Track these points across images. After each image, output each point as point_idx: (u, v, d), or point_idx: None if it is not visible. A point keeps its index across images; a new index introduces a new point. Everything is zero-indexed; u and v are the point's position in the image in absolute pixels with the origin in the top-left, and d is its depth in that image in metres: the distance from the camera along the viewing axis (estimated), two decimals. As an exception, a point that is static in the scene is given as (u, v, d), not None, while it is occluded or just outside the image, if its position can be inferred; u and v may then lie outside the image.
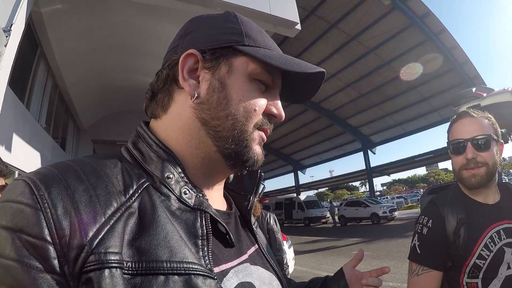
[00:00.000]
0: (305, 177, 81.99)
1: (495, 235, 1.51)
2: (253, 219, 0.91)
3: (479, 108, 3.09)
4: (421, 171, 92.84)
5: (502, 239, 1.50)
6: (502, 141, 1.66)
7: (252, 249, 0.83)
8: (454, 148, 1.64)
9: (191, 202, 0.68)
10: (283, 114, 0.79)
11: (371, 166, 36.67)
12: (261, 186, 0.92)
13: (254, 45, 0.75)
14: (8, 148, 6.11)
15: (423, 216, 1.66)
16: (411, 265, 1.62)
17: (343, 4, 18.54)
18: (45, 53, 8.38)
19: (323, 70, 0.77)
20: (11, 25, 4.43)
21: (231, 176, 0.94)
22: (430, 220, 1.60)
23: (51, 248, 0.49)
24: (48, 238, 0.49)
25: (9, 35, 4.26)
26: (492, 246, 1.49)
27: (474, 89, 2.98)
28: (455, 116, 1.72)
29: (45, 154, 9.13)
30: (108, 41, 8.57)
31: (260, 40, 0.77)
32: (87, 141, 14.49)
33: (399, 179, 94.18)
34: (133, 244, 0.55)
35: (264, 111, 0.76)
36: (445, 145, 1.74)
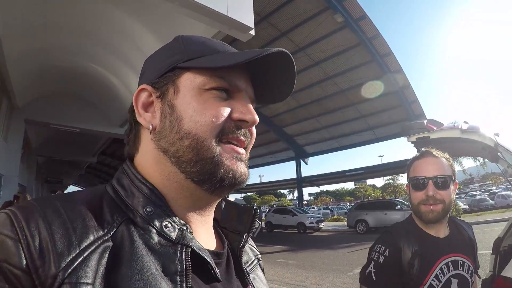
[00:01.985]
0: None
1: (444, 267, 1.66)
2: (245, 258, 0.85)
3: (428, 139, 3.26)
4: (349, 185, 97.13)
5: (450, 270, 1.66)
6: (457, 181, 1.80)
7: None
8: (415, 184, 1.76)
9: (172, 235, 0.66)
10: (253, 116, 0.73)
11: (302, 175, 37.36)
12: (257, 224, 0.86)
13: (197, 57, 0.73)
14: None
15: (379, 245, 1.75)
16: None
17: (297, 15, 18.75)
18: (-16, 20, 7.65)
19: (280, 49, 0.70)
20: None
21: (223, 211, 0.90)
22: (387, 250, 1.70)
23: (29, 278, 0.51)
24: (26, 268, 0.52)
25: None
26: (441, 277, 1.64)
27: (425, 121, 3.10)
28: (418, 154, 1.87)
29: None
30: (53, 19, 8.16)
31: (204, 49, 0.75)
32: (20, 120, 13.71)
33: (327, 190, 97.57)
34: (107, 277, 0.55)
35: (230, 118, 0.72)
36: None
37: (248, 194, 78.35)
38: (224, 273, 0.75)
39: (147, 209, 0.67)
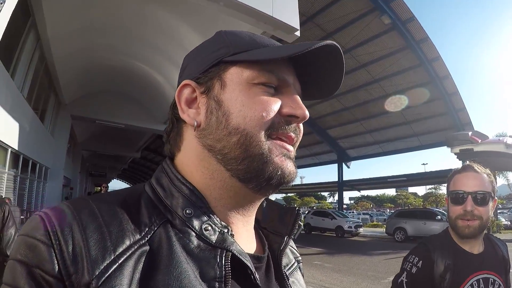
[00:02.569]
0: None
1: (475, 283, 1.66)
2: (285, 261, 0.81)
3: (471, 152, 3.18)
4: (391, 191, 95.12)
5: (480, 287, 1.66)
6: (496, 198, 1.77)
7: None
8: (454, 198, 1.75)
9: (213, 239, 0.63)
10: (304, 110, 0.70)
11: (344, 179, 37.05)
12: (299, 225, 0.82)
13: (244, 50, 0.70)
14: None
15: (413, 256, 1.77)
16: None
17: (343, 16, 18.63)
18: (36, 23, 8.21)
19: (331, 42, 0.66)
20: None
21: (264, 211, 0.87)
22: (421, 261, 1.72)
23: (62, 285, 0.51)
24: (59, 275, 0.51)
25: (4, 2, 4.06)
26: None
27: (470, 133, 3.01)
28: (459, 168, 1.85)
29: (24, 126, 9.00)
30: (100, 20, 8.53)
31: (251, 43, 0.72)
32: (66, 115, 14.37)
33: (367, 195, 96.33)
34: (143, 283, 0.54)
35: (279, 113, 0.69)
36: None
37: (289, 194, 78.27)
38: (264, 278, 0.72)
39: (187, 211, 0.65)
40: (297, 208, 0.83)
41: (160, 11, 7.65)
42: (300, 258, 0.92)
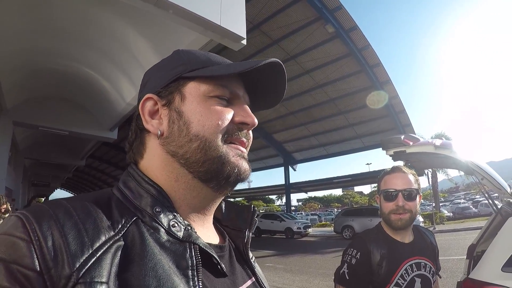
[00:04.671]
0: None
1: (408, 268, 1.89)
2: (251, 254, 0.90)
3: (404, 154, 3.51)
4: (337, 191, 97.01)
5: (414, 271, 1.90)
6: (421, 193, 2.05)
7: (249, 282, 0.82)
8: (387, 195, 1.99)
9: (180, 234, 0.68)
10: (253, 118, 0.80)
11: (291, 182, 37.23)
12: (255, 220, 0.92)
13: (200, 67, 0.78)
14: None
15: (352, 249, 1.99)
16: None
17: (288, 24, 18.88)
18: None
19: (274, 60, 0.76)
20: None
21: (224, 211, 0.95)
22: (359, 253, 1.93)
23: (41, 278, 0.52)
24: (38, 269, 0.52)
25: None
26: (406, 276, 1.87)
27: (402, 137, 3.33)
28: (388, 169, 2.11)
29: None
30: (45, 22, 8.04)
31: (206, 61, 0.80)
32: (8, 122, 13.21)
33: (315, 196, 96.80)
34: (121, 275, 0.57)
35: (232, 122, 0.77)
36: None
37: (237, 199, 77.62)
38: (228, 265, 0.78)
39: (156, 209, 0.70)
40: (252, 205, 0.92)
41: (107, 16, 7.34)
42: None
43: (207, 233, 0.82)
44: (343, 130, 28.53)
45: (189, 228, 0.71)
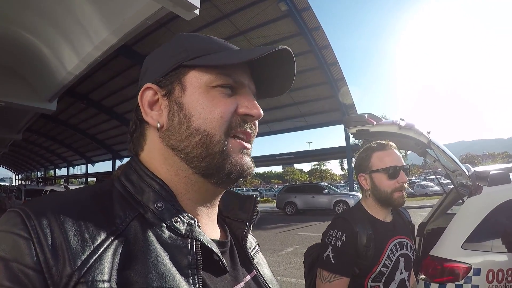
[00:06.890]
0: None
1: (393, 248, 1.87)
2: (249, 244, 0.88)
3: (367, 132, 3.53)
4: (278, 168, 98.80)
5: (398, 250, 1.88)
6: None
7: (248, 277, 0.81)
8: (391, 173, 1.90)
9: (182, 230, 0.67)
10: (258, 110, 0.76)
11: (233, 158, 37.15)
12: (257, 211, 0.89)
13: (202, 55, 0.74)
14: None
15: (335, 230, 1.87)
16: (323, 273, 1.81)
17: (241, -1, 18.56)
18: None
19: (284, 47, 0.73)
20: None
21: (225, 202, 0.92)
22: (344, 234, 1.82)
23: (42, 277, 0.51)
24: (39, 268, 0.51)
25: None
26: (392, 257, 1.84)
27: (366, 115, 3.38)
28: (375, 145, 2.02)
29: None
30: None
31: (208, 47, 0.76)
32: None
33: (256, 173, 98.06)
34: (123, 272, 0.56)
35: (236, 113, 0.74)
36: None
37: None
38: (229, 261, 0.77)
39: (158, 205, 0.68)
40: (254, 196, 0.90)
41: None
42: (258, 243, 0.97)
43: (211, 227, 0.81)
44: (287, 108, 28.73)
45: (192, 222, 0.70)
